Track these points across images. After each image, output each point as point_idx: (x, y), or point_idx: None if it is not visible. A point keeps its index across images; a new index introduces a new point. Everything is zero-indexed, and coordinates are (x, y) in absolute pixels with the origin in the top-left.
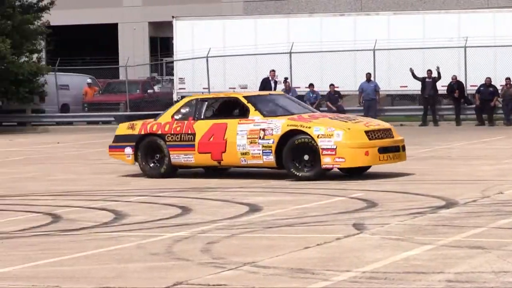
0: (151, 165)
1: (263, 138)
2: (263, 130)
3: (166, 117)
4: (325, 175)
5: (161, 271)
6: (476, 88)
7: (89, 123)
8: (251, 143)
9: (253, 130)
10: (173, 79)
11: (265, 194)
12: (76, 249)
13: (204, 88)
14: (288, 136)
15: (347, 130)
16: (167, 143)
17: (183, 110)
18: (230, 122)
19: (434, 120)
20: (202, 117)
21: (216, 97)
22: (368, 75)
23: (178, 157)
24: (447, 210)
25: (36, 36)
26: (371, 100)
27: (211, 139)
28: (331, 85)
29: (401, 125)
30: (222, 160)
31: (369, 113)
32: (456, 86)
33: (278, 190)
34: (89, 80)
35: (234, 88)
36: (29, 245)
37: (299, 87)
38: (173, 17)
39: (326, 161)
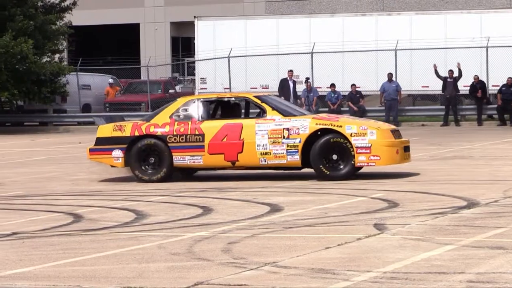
0: (150, 168)
1: (288, 138)
2: (287, 129)
3: (162, 117)
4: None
5: (182, 271)
6: (498, 88)
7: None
8: (273, 142)
9: (275, 130)
10: (194, 79)
11: (286, 194)
12: (97, 249)
13: (225, 88)
14: (315, 135)
15: (378, 128)
16: (169, 144)
17: (183, 111)
18: (246, 122)
19: (456, 120)
20: (208, 117)
21: (220, 97)
22: (390, 75)
23: (183, 159)
24: (469, 210)
25: (58, 36)
26: (392, 100)
27: (225, 139)
28: (353, 85)
29: (423, 125)
30: (238, 160)
31: (390, 113)
32: (478, 86)
33: (299, 190)
34: (110, 80)
35: (256, 88)
36: (50, 244)
37: (320, 87)
38: (195, 17)
39: (361, 159)
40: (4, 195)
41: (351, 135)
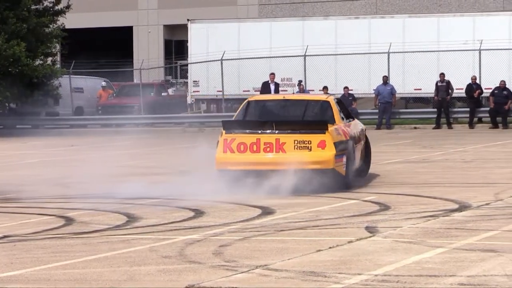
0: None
1: None
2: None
3: (340, 120)
4: None
5: (173, 274)
6: (490, 91)
7: (103, 126)
8: None
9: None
10: (187, 82)
11: (278, 197)
12: (88, 252)
13: (218, 91)
14: None
15: None
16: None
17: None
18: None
19: (448, 123)
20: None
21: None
22: (385, 78)
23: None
24: (460, 213)
25: (51, 39)
26: (386, 103)
27: None
28: (345, 87)
29: (415, 128)
30: None
31: (384, 116)
32: (475, 87)
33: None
34: (103, 83)
35: (248, 90)
36: (41, 247)
37: (313, 90)
38: (188, 20)
39: None
40: None
41: None
